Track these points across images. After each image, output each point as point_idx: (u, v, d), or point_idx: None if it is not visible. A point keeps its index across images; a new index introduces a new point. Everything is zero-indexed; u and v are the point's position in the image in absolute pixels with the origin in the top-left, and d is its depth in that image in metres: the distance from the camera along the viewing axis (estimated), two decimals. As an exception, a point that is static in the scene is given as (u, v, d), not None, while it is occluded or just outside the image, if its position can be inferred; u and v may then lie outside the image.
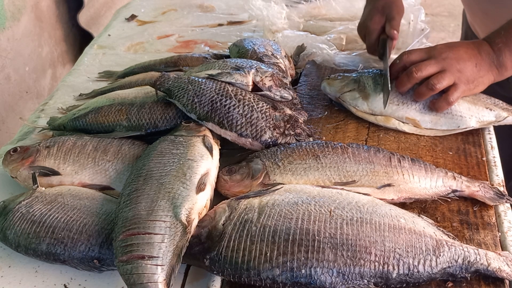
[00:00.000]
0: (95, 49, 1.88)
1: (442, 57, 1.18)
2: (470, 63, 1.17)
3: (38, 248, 0.95)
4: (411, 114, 1.25)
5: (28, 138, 1.37)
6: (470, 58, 1.18)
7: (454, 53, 1.18)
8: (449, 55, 1.18)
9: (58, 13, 2.92)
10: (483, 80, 1.20)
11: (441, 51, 1.19)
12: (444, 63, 1.18)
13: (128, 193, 0.95)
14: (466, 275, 0.87)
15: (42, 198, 1.02)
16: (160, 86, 1.23)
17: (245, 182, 1.04)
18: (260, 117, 1.14)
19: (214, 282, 0.92)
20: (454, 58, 1.18)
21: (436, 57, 1.19)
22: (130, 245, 0.85)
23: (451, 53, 1.18)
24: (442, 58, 1.18)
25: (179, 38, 1.93)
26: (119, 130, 1.22)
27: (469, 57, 1.18)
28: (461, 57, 1.18)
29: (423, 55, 1.21)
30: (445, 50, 1.19)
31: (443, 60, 1.18)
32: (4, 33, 2.42)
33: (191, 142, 1.07)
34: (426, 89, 1.19)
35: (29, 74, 2.63)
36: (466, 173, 1.12)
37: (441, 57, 1.18)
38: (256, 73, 1.23)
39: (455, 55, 1.18)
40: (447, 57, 1.18)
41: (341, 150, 1.07)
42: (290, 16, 1.85)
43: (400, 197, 1.03)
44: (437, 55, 1.19)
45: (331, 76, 1.37)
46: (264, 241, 0.86)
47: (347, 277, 0.84)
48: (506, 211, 1.02)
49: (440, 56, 1.18)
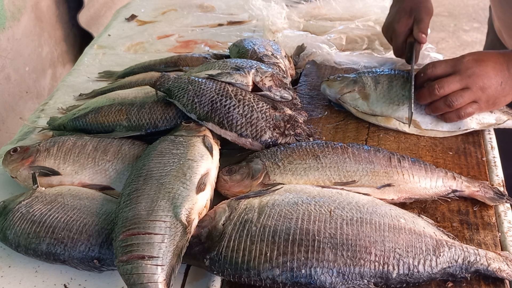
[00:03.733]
0: (95, 49, 1.88)
1: (467, 73, 1.13)
2: (495, 81, 1.13)
3: (38, 248, 0.95)
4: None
5: (28, 138, 1.37)
6: (496, 75, 1.13)
7: (481, 69, 1.13)
8: (475, 71, 1.13)
9: (58, 13, 2.92)
10: (506, 98, 1.16)
11: (467, 66, 1.14)
12: (468, 81, 1.13)
13: (128, 193, 0.95)
14: (466, 275, 0.87)
15: (42, 198, 1.02)
16: (160, 86, 1.23)
17: (245, 182, 1.04)
18: (260, 117, 1.14)
19: (214, 282, 0.92)
20: (480, 75, 1.13)
21: (461, 73, 1.14)
22: (130, 245, 0.85)
23: (477, 68, 1.13)
24: (467, 74, 1.13)
25: (179, 38, 1.93)
26: (119, 130, 1.22)
27: (495, 74, 1.13)
28: (487, 74, 1.13)
29: (448, 69, 1.16)
30: (472, 64, 1.14)
31: (468, 77, 1.13)
32: (4, 33, 2.41)
33: (191, 142, 1.07)
34: (443, 105, 1.16)
35: (29, 74, 2.63)
36: (466, 173, 1.12)
37: (466, 73, 1.13)
38: (256, 73, 1.23)
39: (481, 71, 1.13)
40: (473, 74, 1.13)
41: (341, 150, 1.07)
42: (290, 16, 1.85)
43: (400, 197, 1.03)
44: (462, 70, 1.14)
45: (330, 77, 1.37)
46: (264, 241, 0.86)
47: (347, 277, 0.84)
48: (506, 211, 1.02)
49: (465, 72, 1.13)
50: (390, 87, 1.28)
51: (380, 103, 1.27)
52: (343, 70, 1.53)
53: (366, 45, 1.70)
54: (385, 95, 1.27)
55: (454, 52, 4.10)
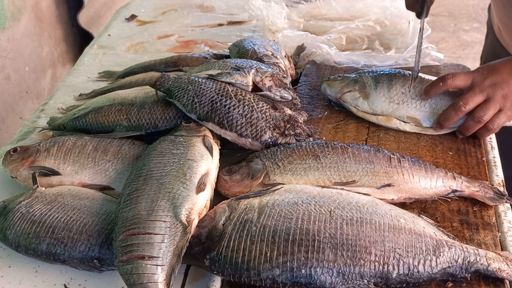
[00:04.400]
0: (95, 49, 1.88)
1: (486, 84, 1.16)
2: None
3: (38, 248, 0.95)
4: (412, 113, 1.25)
5: (28, 138, 1.37)
6: None
7: (498, 77, 1.16)
8: (493, 80, 1.16)
9: (58, 13, 2.92)
10: None
11: (484, 76, 1.17)
12: (488, 91, 1.16)
13: (128, 193, 0.95)
14: (466, 275, 0.87)
15: (42, 198, 1.02)
16: (160, 86, 1.23)
17: (245, 182, 1.04)
18: (260, 117, 1.14)
19: (214, 282, 0.92)
20: (499, 83, 1.15)
21: (479, 85, 1.16)
22: (130, 245, 0.85)
23: (494, 77, 1.16)
24: (486, 85, 1.16)
25: (179, 38, 1.93)
26: (119, 130, 1.22)
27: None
28: (505, 81, 1.15)
29: (467, 80, 1.18)
30: (489, 74, 1.17)
31: (488, 87, 1.16)
32: (4, 33, 2.41)
33: (191, 142, 1.07)
34: (473, 123, 1.18)
35: (29, 74, 2.63)
36: (466, 173, 1.12)
37: (484, 84, 1.16)
38: (256, 73, 1.23)
39: (498, 79, 1.15)
40: (492, 84, 1.15)
41: (341, 150, 1.07)
42: (290, 16, 1.85)
43: (400, 197, 1.03)
44: (480, 82, 1.16)
45: (331, 77, 1.37)
46: (264, 241, 0.86)
47: (347, 277, 0.84)
48: (506, 211, 1.02)
49: (483, 83, 1.16)
50: (390, 86, 1.28)
51: (380, 102, 1.27)
52: (343, 70, 1.53)
53: (366, 45, 1.70)
54: (385, 94, 1.27)
55: (454, 52, 4.10)
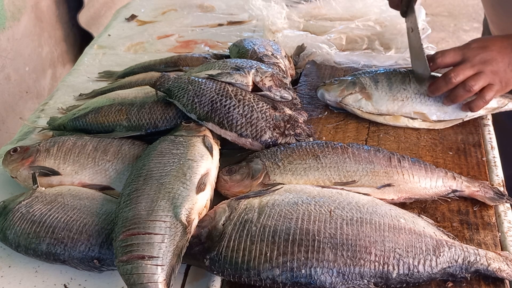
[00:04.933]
0: (95, 49, 1.88)
1: (476, 59, 1.19)
2: (503, 64, 1.18)
3: (38, 248, 0.95)
4: (418, 107, 1.25)
5: (28, 138, 1.37)
6: (503, 59, 1.18)
7: (488, 54, 1.19)
8: (483, 56, 1.18)
9: (58, 13, 2.92)
10: None
11: (475, 53, 1.20)
12: (479, 66, 1.18)
13: (128, 193, 0.95)
14: (466, 275, 0.87)
15: (42, 198, 1.02)
16: (160, 86, 1.23)
17: (245, 182, 1.04)
18: (260, 117, 1.14)
19: (214, 282, 0.92)
20: (488, 60, 1.18)
21: (470, 60, 1.19)
22: (130, 245, 0.85)
23: (485, 54, 1.19)
24: (477, 61, 1.19)
25: (179, 38, 1.93)
26: (119, 130, 1.22)
27: (502, 57, 1.18)
28: (494, 58, 1.18)
29: (458, 57, 1.21)
30: (479, 51, 1.20)
31: (479, 63, 1.18)
32: (4, 33, 2.41)
33: (191, 142, 1.07)
34: (463, 91, 1.19)
35: (29, 74, 2.63)
36: (466, 173, 1.12)
37: (475, 59, 1.19)
38: (256, 73, 1.23)
39: (489, 56, 1.19)
40: (482, 60, 1.18)
41: (341, 150, 1.07)
42: (290, 16, 1.85)
43: (400, 197, 1.03)
44: (471, 57, 1.19)
45: (326, 82, 1.35)
46: (264, 241, 0.86)
47: (347, 277, 0.84)
48: (506, 211, 1.02)
49: (474, 59, 1.19)
50: (390, 84, 1.28)
51: (384, 101, 1.27)
52: (343, 70, 1.53)
53: (366, 45, 1.70)
54: (388, 93, 1.27)
55: (454, 52, 4.09)
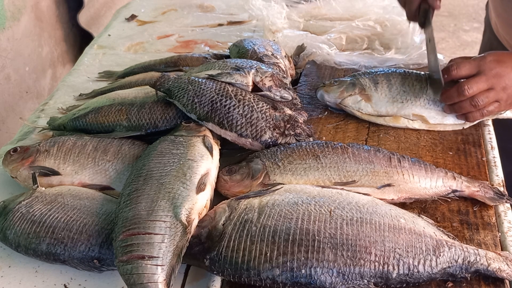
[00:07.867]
0: (95, 49, 1.88)
1: (491, 73, 1.17)
2: None
3: (38, 248, 0.95)
4: (417, 110, 1.25)
5: (28, 138, 1.37)
6: None
7: (504, 70, 1.17)
8: (498, 71, 1.17)
9: (58, 13, 2.92)
10: None
11: (490, 67, 1.18)
12: (493, 81, 1.17)
13: (128, 193, 0.95)
14: (466, 275, 0.87)
15: (42, 198, 1.02)
16: (160, 86, 1.23)
17: (245, 182, 1.04)
18: (260, 117, 1.14)
19: (214, 282, 0.92)
20: (503, 75, 1.17)
21: (486, 73, 1.17)
22: (130, 245, 0.85)
23: (500, 69, 1.17)
24: (491, 75, 1.17)
25: (179, 38, 1.93)
26: (119, 130, 1.22)
27: None
28: (508, 74, 1.17)
29: (473, 69, 1.19)
30: (495, 65, 1.18)
31: (493, 77, 1.17)
32: (4, 33, 2.41)
33: (191, 142, 1.07)
34: (469, 105, 1.19)
35: (29, 74, 2.63)
36: (466, 173, 1.12)
37: (490, 73, 1.17)
38: (256, 73, 1.23)
39: (504, 72, 1.17)
40: (496, 74, 1.17)
41: (341, 150, 1.07)
42: (290, 16, 1.85)
43: (400, 197, 1.03)
44: (487, 71, 1.17)
45: (326, 83, 1.35)
46: (264, 241, 0.86)
47: (347, 277, 0.84)
48: (506, 211, 1.02)
49: (490, 73, 1.17)
50: (390, 86, 1.28)
51: (384, 102, 1.27)
52: (343, 70, 1.53)
53: (366, 45, 1.70)
54: (387, 94, 1.27)
55: (454, 52, 4.09)
